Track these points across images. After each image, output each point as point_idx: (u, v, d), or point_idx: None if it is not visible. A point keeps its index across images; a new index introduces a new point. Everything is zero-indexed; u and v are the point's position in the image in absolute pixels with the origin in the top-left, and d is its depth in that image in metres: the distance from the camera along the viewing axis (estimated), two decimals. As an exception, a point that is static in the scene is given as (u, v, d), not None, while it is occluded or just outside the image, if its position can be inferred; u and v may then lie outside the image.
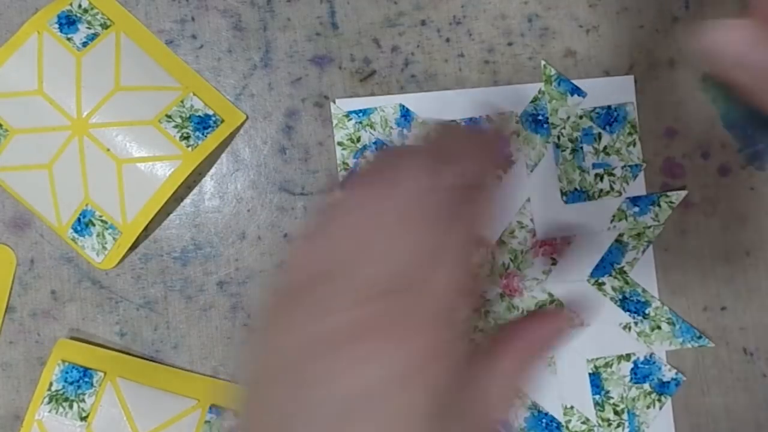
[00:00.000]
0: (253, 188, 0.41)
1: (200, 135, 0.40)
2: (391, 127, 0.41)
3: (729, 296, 0.40)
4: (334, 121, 0.41)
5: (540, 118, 0.41)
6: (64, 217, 0.40)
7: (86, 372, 0.39)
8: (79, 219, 0.40)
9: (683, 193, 0.40)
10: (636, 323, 0.40)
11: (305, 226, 0.27)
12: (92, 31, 0.40)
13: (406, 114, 0.41)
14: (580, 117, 0.40)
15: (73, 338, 0.41)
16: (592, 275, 0.40)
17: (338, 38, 0.41)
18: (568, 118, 0.40)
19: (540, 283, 0.40)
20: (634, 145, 0.40)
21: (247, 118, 0.41)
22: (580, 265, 0.40)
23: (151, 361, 0.40)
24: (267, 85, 0.41)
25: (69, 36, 0.40)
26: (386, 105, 0.41)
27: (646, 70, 0.41)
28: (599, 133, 0.40)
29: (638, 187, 0.40)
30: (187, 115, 0.40)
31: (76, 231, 0.40)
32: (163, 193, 0.39)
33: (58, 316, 0.41)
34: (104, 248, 0.40)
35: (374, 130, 0.41)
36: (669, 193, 0.40)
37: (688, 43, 0.35)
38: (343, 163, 0.41)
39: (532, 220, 0.40)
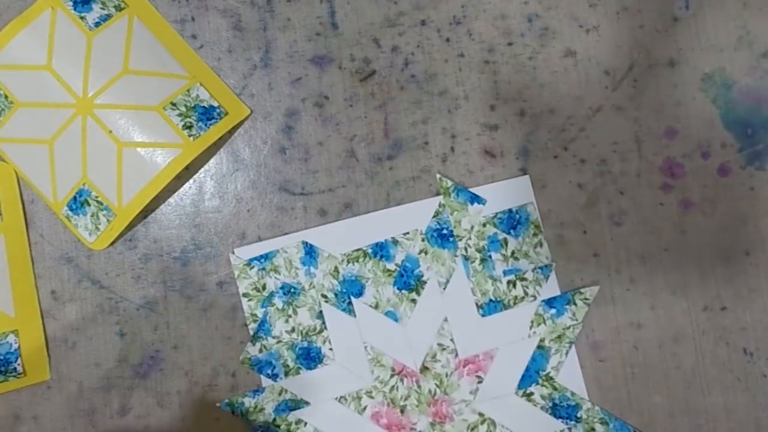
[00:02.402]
0: (253, 188, 0.41)
1: (203, 125, 0.39)
2: (297, 267, 0.40)
3: (729, 296, 0.40)
4: (236, 272, 0.40)
5: (445, 232, 0.40)
6: (60, 194, 0.40)
7: None
8: (75, 197, 0.40)
9: (596, 289, 0.40)
10: (570, 429, 0.39)
11: None
12: (106, 12, 0.40)
13: (310, 251, 0.40)
14: (484, 225, 0.40)
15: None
16: (519, 387, 0.40)
17: (338, 38, 0.41)
18: (472, 227, 0.40)
19: (469, 405, 0.40)
20: (541, 245, 0.40)
21: (252, 112, 0.41)
22: (506, 379, 0.40)
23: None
24: (267, 85, 0.41)
25: (82, 15, 0.40)
26: (288, 245, 0.40)
27: (646, 70, 0.41)
28: (505, 239, 0.40)
29: (551, 287, 0.40)
30: (192, 105, 0.40)
31: (71, 209, 0.40)
32: (160, 180, 0.39)
33: (58, 316, 0.41)
34: (97, 229, 0.40)
35: (279, 273, 0.40)
36: (582, 290, 0.40)
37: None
38: (252, 314, 0.40)
39: (452, 340, 0.40)
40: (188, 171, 0.41)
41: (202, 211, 0.41)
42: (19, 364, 0.40)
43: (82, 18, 0.40)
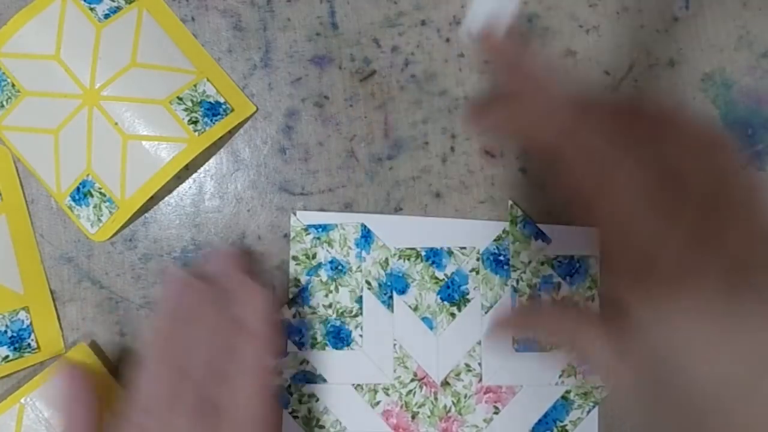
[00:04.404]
0: (253, 188, 0.41)
1: (209, 121, 0.39)
2: (350, 247, 0.40)
3: (729, 296, 0.40)
4: (292, 234, 0.40)
5: (501, 258, 0.40)
6: (64, 184, 0.40)
7: None
8: (78, 188, 0.40)
9: None
10: None
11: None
12: (116, 4, 0.40)
13: (366, 235, 0.40)
14: (542, 263, 0.39)
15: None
16: (533, 430, 0.39)
17: (338, 38, 0.41)
18: (530, 262, 0.39)
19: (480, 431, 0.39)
20: (593, 300, 0.39)
21: (257, 110, 0.41)
22: (522, 418, 0.39)
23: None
24: (267, 85, 0.41)
25: (92, 6, 0.40)
26: (348, 223, 0.40)
27: (646, 70, 0.41)
28: (559, 283, 0.39)
29: None
30: (198, 100, 0.40)
31: (74, 199, 0.40)
32: (164, 175, 0.39)
33: (59, 315, 0.41)
34: (99, 220, 0.40)
35: (332, 248, 0.40)
36: None
37: (468, 127, 0.35)
38: (295, 279, 0.40)
39: (480, 364, 0.40)
40: (188, 171, 0.41)
41: (202, 211, 0.41)
42: (33, 340, 0.40)
43: (91, 9, 0.40)
